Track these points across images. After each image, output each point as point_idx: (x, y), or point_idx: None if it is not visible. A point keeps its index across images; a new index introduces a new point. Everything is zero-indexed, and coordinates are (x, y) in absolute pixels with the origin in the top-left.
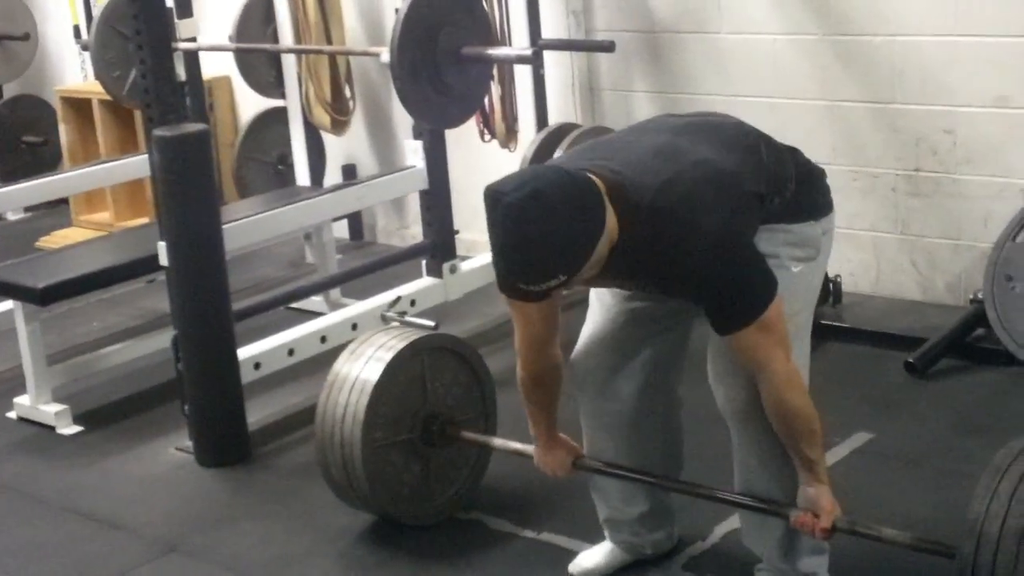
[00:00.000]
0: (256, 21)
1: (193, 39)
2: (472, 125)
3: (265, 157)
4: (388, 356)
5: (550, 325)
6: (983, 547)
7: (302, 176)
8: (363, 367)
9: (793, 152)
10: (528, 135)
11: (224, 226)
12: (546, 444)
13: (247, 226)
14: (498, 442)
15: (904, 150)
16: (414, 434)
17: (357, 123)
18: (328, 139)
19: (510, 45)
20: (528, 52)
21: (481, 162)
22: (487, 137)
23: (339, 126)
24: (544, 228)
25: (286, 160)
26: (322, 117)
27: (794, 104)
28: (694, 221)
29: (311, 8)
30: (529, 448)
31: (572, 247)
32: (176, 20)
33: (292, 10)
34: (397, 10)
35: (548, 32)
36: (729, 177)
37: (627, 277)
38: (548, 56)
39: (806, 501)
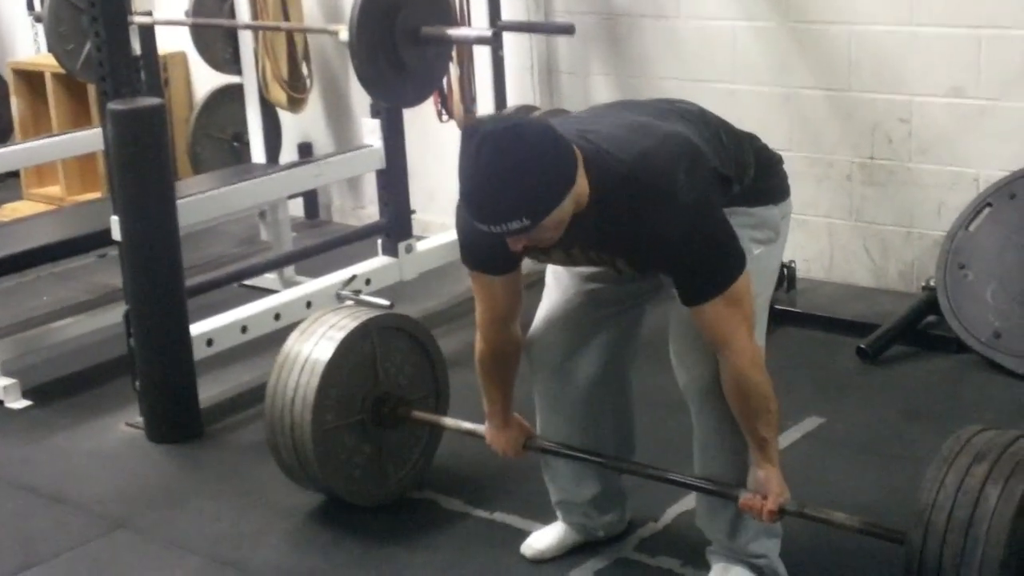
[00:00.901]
0: None
1: (149, 13)
2: (430, 105)
3: (220, 134)
4: (338, 336)
5: (512, 302)
6: (931, 537)
7: (257, 154)
8: (313, 348)
9: (751, 139)
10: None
11: (178, 201)
12: (499, 423)
13: (201, 202)
14: (449, 422)
15: (859, 138)
16: (364, 415)
17: (314, 101)
18: (284, 117)
19: (469, 26)
20: (487, 33)
21: (438, 143)
22: (444, 118)
23: (296, 104)
24: (516, 160)
25: (241, 137)
26: (278, 95)
27: (751, 91)
28: (671, 191)
29: None
30: (480, 428)
31: (540, 187)
32: None
33: None
34: None
35: (508, 14)
36: (701, 152)
37: (595, 246)
38: (507, 38)
39: (755, 483)
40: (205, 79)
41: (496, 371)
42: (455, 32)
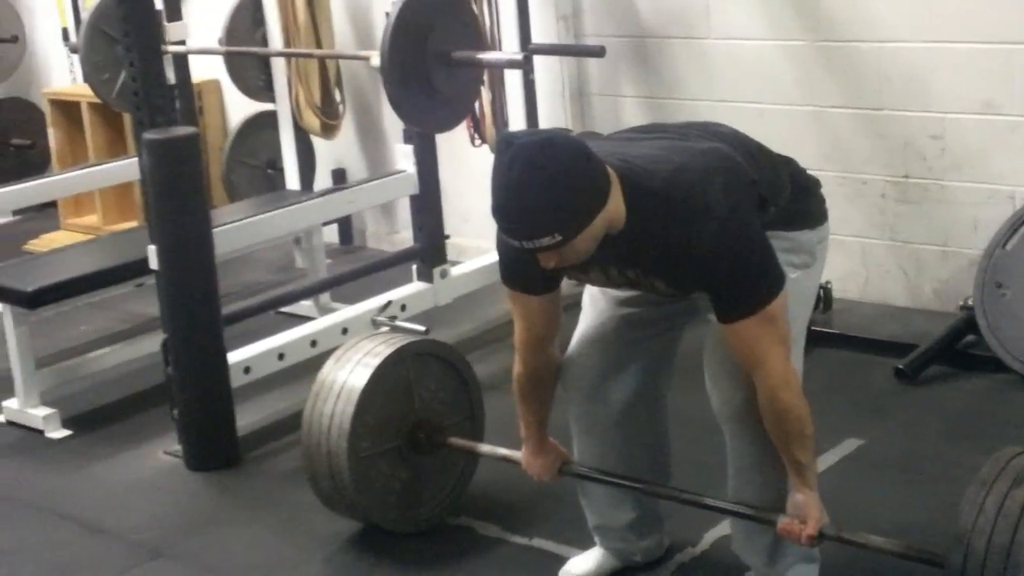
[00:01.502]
0: (245, 24)
1: (182, 42)
2: (462, 130)
3: (254, 161)
4: (373, 363)
5: (550, 322)
6: (971, 561)
7: (292, 180)
8: (348, 375)
9: (788, 162)
10: None
11: (214, 230)
12: (534, 448)
13: (237, 230)
14: (485, 448)
15: (892, 156)
16: (401, 442)
17: (347, 127)
18: (318, 143)
19: (500, 49)
20: (518, 56)
21: (471, 167)
22: (477, 142)
23: (329, 130)
24: (548, 175)
25: (275, 164)
26: (312, 121)
27: (781, 110)
28: (705, 205)
29: (300, 11)
30: (516, 454)
31: (573, 203)
32: (165, 23)
33: (281, 13)
34: (387, 14)
35: (538, 37)
36: (738, 164)
37: (631, 264)
38: (538, 61)
39: (794, 508)
40: (239, 106)
41: (532, 393)
42: (486, 56)
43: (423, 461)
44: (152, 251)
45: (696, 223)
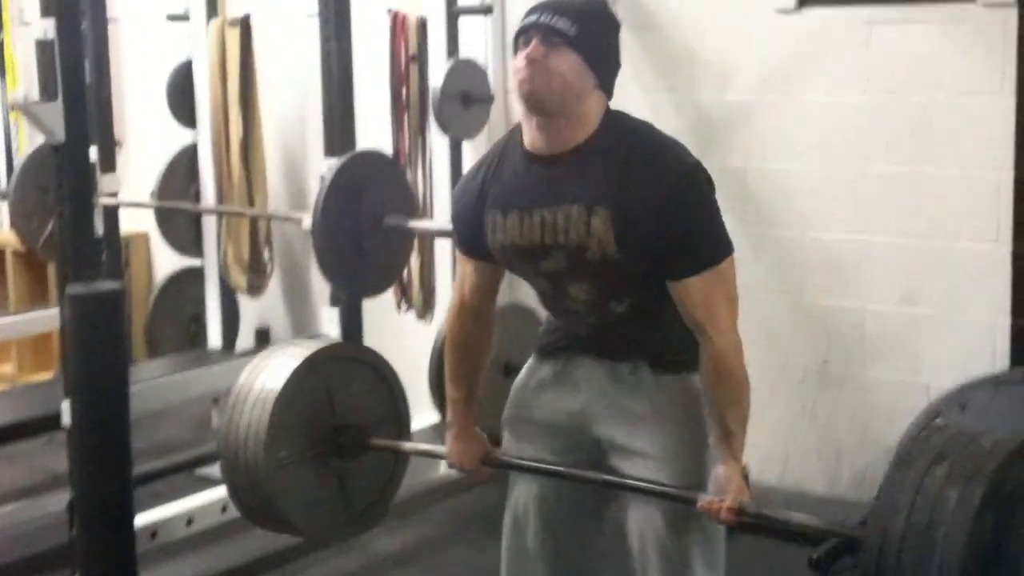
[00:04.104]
0: (179, 178)
1: (115, 194)
2: (390, 294)
3: (178, 316)
4: (288, 369)
5: (478, 292)
6: (889, 539)
7: (214, 338)
8: (264, 382)
9: None
10: (445, 307)
11: (132, 387)
12: (459, 432)
13: (155, 387)
14: (408, 445)
15: (814, 342)
16: (322, 448)
17: (274, 286)
18: (243, 301)
19: (432, 217)
20: (449, 226)
21: (397, 332)
22: (404, 307)
23: (255, 289)
24: (599, 7)
25: (199, 320)
26: (239, 279)
27: None
28: (677, 155)
29: (236, 168)
30: (440, 448)
31: (601, 31)
32: (99, 174)
33: (216, 169)
34: (322, 177)
35: None
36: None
37: (583, 198)
38: None
39: (715, 483)
40: (166, 260)
41: (459, 359)
42: (417, 224)
43: (349, 468)
44: (66, 407)
45: (663, 161)
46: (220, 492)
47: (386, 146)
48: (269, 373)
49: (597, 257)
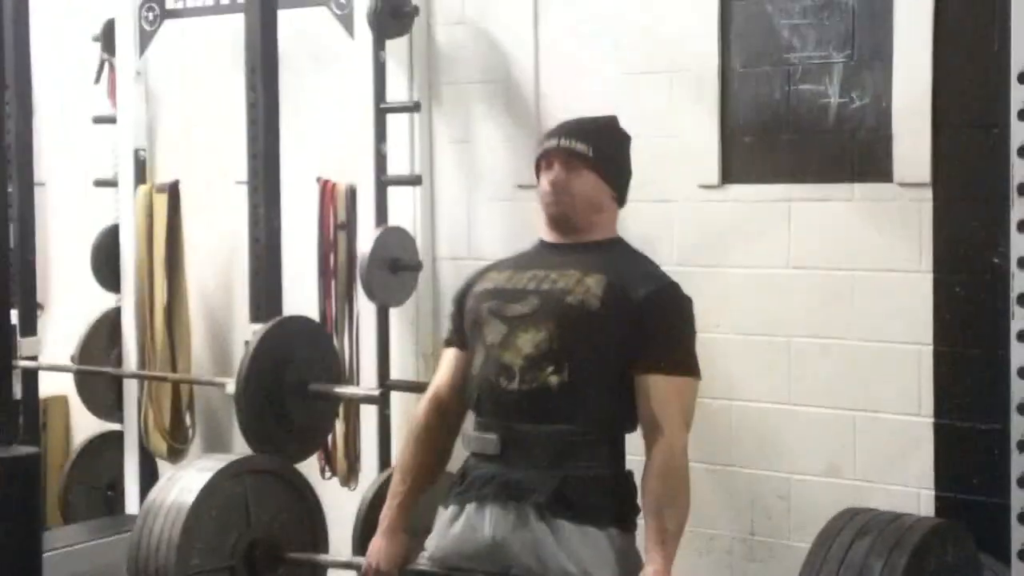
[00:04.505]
0: (101, 342)
1: (34, 357)
2: (313, 461)
3: (95, 482)
4: (206, 476)
5: (452, 383)
6: None
7: (132, 504)
8: (180, 490)
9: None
10: (370, 475)
11: (45, 554)
12: (388, 529)
13: (70, 555)
14: (325, 557)
15: (739, 513)
16: (236, 561)
17: (195, 451)
18: (163, 466)
19: (358, 383)
20: (375, 392)
21: (321, 499)
22: (327, 474)
23: (176, 454)
24: (615, 131)
25: (116, 487)
26: (159, 444)
27: (634, 460)
28: (668, 277)
29: (159, 332)
30: (359, 559)
31: (616, 153)
32: (19, 337)
33: (140, 334)
34: (247, 342)
35: (396, 373)
36: None
37: (575, 264)
38: (395, 396)
39: None
40: (85, 424)
41: (417, 445)
42: (343, 390)
43: None
44: None
45: (659, 273)
46: None
47: (312, 312)
48: (187, 480)
49: (576, 302)
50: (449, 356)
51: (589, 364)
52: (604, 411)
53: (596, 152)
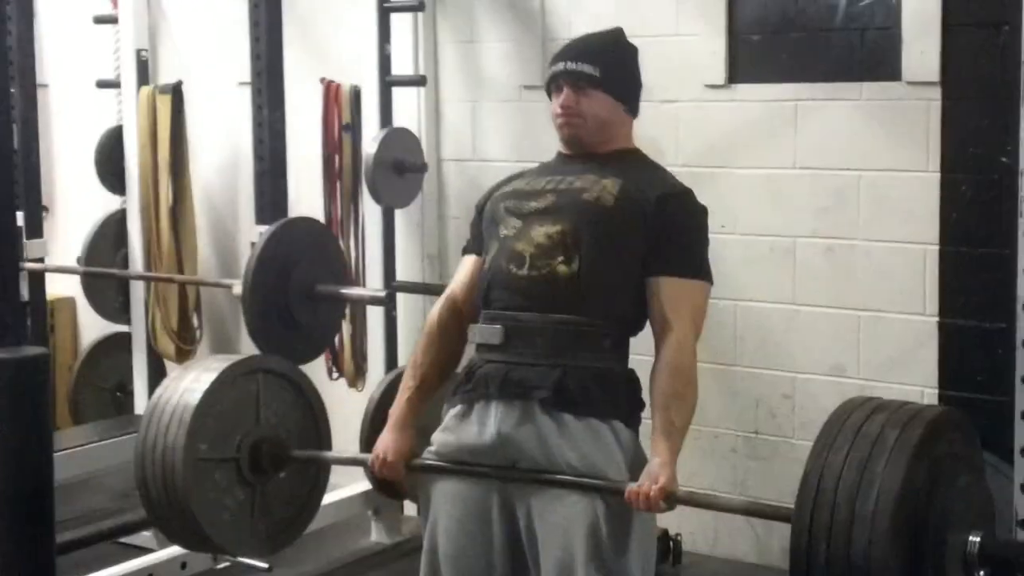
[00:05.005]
0: (107, 245)
1: (41, 259)
2: (320, 362)
3: (103, 383)
4: (222, 366)
5: (466, 286)
6: (819, 508)
7: (140, 405)
8: (194, 379)
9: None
10: (377, 375)
11: (56, 454)
12: (395, 423)
13: (80, 455)
14: (331, 455)
15: (744, 412)
16: (241, 457)
17: (202, 352)
18: (171, 368)
19: (364, 285)
20: (381, 293)
21: (328, 400)
22: (335, 375)
23: (184, 355)
24: (623, 45)
25: (125, 388)
26: (167, 345)
27: (637, 359)
28: (686, 187)
29: (165, 234)
30: (363, 456)
31: (625, 69)
32: (25, 239)
33: (145, 236)
34: (253, 244)
35: (403, 275)
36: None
37: (593, 170)
38: (401, 298)
39: (648, 473)
40: (92, 326)
41: (430, 341)
42: (349, 291)
43: (263, 483)
44: None
45: (673, 179)
46: (146, 560)
47: (318, 214)
48: (199, 373)
49: (591, 199)
50: (467, 262)
51: (600, 258)
52: (611, 307)
53: (604, 71)
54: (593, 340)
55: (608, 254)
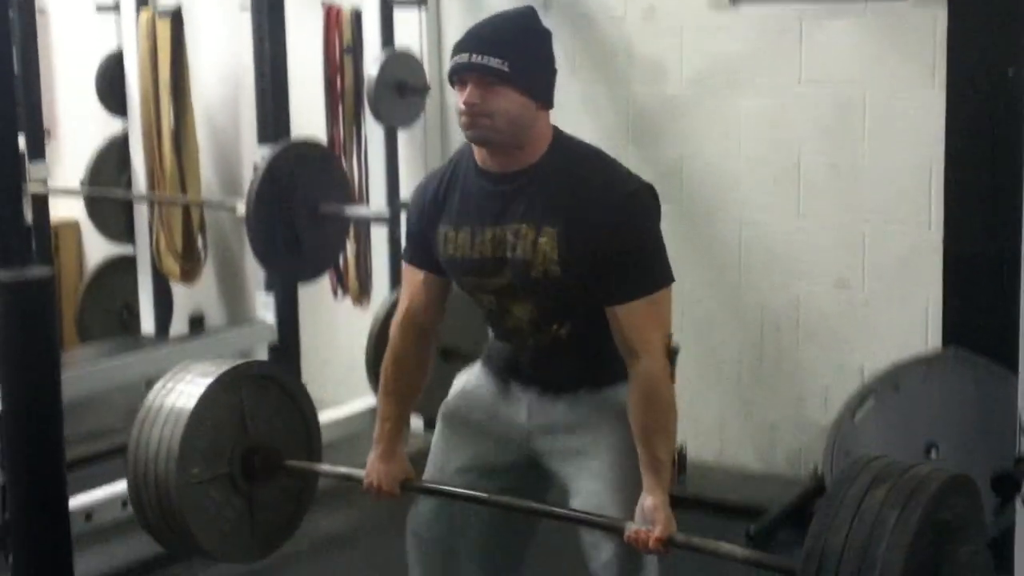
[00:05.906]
0: (110, 167)
1: (43, 181)
2: (325, 281)
3: (109, 304)
4: (203, 384)
5: (428, 305)
6: (826, 565)
7: (147, 325)
8: (176, 399)
9: None
10: (381, 293)
11: (64, 373)
12: (383, 452)
13: (87, 374)
14: (324, 467)
15: (750, 325)
16: (233, 468)
17: (207, 273)
18: (176, 288)
19: (367, 204)
20: (385, 212)
21: (332, 318)
22: (340, 294)
23: (188, 276)
24: (530, 28)
25: (131, 308)
26: (171, 266)
27: None
28: (623, 180)
29: (167, 156)
30: (357, 472)
31: (533, 57)
32: (27, 162)
33: (148, 157)
34: (256, 164)
35: (406, 194)
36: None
37: (528, 216)
38: (404, 217)
39: (642, 514)
40: (97, 248)
41: (396, 376)
42: (353, 210)
43: (258, 489)
44: None
45: (611, 184)
46: None
47: (320, 135)
48: (181, 391)
49: (540, 275)
50: (416, 276)
51: (584, 316)
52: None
53: (513, 65)
54: (608, 364)
55: (587, 310)
